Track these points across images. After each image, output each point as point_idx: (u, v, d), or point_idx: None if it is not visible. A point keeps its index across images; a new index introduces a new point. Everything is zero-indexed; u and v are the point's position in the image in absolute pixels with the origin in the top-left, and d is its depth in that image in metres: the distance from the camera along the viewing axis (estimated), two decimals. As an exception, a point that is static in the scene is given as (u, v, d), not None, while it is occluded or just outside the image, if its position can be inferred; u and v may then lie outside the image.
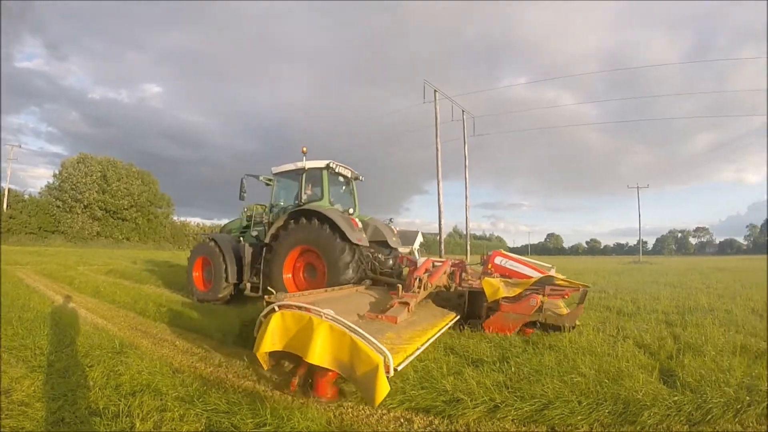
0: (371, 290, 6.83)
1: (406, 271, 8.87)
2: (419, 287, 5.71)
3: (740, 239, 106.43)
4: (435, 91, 25.42)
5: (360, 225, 8.57)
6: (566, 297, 6.13)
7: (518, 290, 5.97)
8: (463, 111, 27.94)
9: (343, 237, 7.94)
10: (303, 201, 9.00)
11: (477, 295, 6.36)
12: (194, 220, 56.49)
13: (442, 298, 6.67)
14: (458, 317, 6.14)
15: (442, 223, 24.43)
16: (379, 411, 3.69)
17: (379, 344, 3.41)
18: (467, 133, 27.78)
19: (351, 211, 9.09)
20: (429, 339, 4.54)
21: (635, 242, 59.53)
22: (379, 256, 8.83)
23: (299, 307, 3.89)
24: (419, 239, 69.65)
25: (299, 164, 9.15)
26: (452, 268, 7.09)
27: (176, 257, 28.06)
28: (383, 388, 3.19)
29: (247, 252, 9.23)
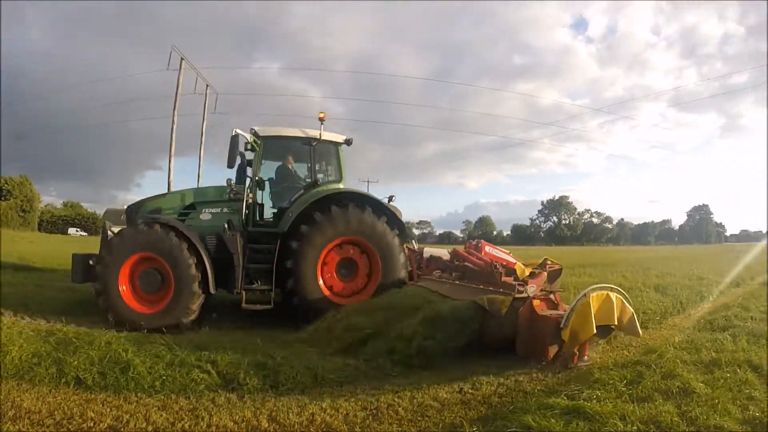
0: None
1: None
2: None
3: (457, 232, 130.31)
4: (182, 59, 22.70)
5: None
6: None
7: (529, 270, 6.74)
8: (207, 85, 25.19)
9: (400, 230, 7.36)
10: (318, 181, 7.56)
11: None
12: None
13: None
14: None
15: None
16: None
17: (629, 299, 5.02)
18: (208, 110, 25.27)
19: (394, 198, 7.83)
20: None
21: (363, 230, 69.77)
22: None
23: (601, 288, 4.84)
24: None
25: (310, 132, 7.61)
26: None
27: None
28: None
29: (239, 245, 6.75)
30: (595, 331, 4.56)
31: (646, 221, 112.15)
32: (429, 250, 7.87)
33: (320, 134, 7.52)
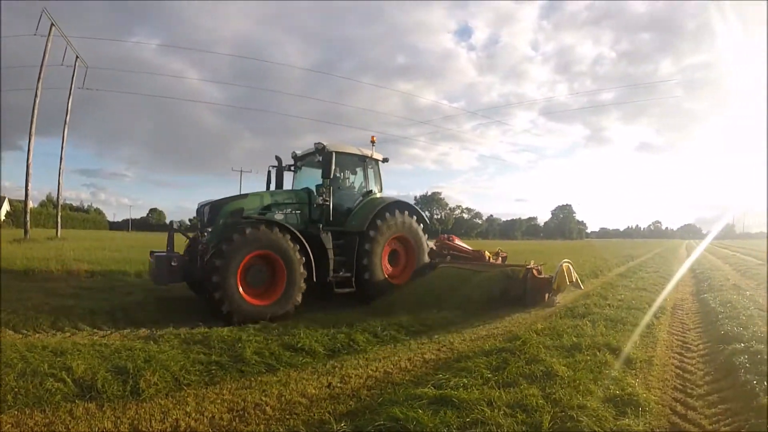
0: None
1: None
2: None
3: None
4: (52, 24, 20.84)
5: None
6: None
7: (492, 254, 10.95)
8: (76, 57, 23.66)
9: (427, 231, 10.00)
10: (372, 191, 9.58)
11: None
12: None
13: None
14: None
15: (30, 188, 20.76)
16: None
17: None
18: (75, 84, 23.73)
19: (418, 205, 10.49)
20: None
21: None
22: None
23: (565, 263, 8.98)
24: (5, 207, 59.09)
25: (365, 151, 9.44)
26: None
27: None
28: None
29: (328, 241, 8.33)
30: (568, 284, 8.82)
31: (513, 218, 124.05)
32: None
33: (372, 153, 9.48)
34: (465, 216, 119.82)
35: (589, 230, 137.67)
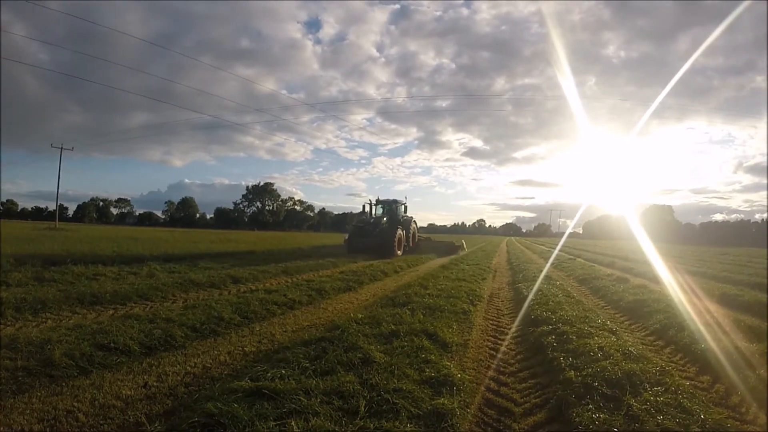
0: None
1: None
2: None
3: (159, 213, 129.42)
4: None
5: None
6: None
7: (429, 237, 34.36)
8: None
9: (416, 226, 28.37)
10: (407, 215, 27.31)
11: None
12: None
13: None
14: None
15: None
16: None
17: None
18: None
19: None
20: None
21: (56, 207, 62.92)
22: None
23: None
24: None
25: (404, 200, 27.57)
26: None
27: None
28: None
29: (404, 232, 24.41)
30: (465, 248, 31.56)
31: (345, 211, 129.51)
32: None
33: (406, 200, 27.89)
34: (297, 208, 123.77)
35: (417, 226, 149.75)
